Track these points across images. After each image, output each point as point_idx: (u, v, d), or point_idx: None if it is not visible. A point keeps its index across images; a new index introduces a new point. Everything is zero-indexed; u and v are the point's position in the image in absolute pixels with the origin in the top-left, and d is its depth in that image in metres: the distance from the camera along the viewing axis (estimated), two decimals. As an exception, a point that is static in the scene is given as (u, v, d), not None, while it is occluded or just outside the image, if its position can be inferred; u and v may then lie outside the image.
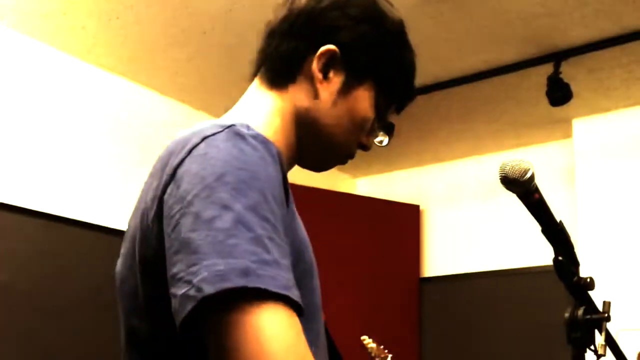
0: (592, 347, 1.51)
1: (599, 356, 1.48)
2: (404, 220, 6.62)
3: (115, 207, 4.76)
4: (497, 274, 6.17)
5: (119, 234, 3.91)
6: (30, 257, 4.36)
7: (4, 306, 4.18)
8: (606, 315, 1.51)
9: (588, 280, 1.54)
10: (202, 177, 1.13)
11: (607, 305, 1.52)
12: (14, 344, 4.19)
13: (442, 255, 6.58)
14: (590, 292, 1.56)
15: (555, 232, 1.55)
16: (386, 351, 2.50)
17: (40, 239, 4.43)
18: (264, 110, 1.45)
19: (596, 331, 1.52)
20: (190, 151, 1.19)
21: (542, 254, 5.70)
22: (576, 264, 1.57)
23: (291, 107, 1.45)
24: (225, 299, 1.04)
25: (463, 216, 6.54)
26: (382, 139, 1.60)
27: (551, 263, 1.55)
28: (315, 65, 1.43)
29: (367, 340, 2.57)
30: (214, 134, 1.20)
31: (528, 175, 1.46)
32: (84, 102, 4.83)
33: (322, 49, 1.43)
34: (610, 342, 1.58)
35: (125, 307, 1.33)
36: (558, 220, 1.55)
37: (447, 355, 6.27)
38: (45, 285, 4.38)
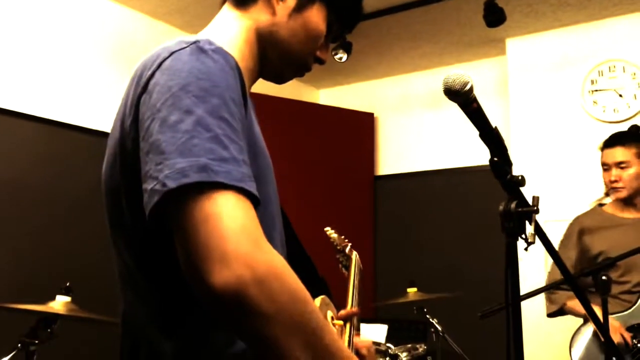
0: (523, 236, 1.51)
1: (529, 243, 1.49)
2: (360, 126, 6.60)
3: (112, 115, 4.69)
4: (441, 172, 6.22)
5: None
6: (40, 158, 4.32)
7: (17, 200, 4.17)
8: (535, 208, 1.51)
9: (519, 178, 1.54)
10: (169, 87, 1.16)
11: (536, 199, 1.52)
12: (26, 235, 4.18)
13: (393, 156, 6.60)
14: (521, 188, 1.56)
15: (491, 137, 1.54)
16: (346, 241, 2.50)
17: (47, 142, 4.37)
18: (229, 28, 1.48)
19: (526, 222, 1.52)
20: (159, 65, 1.22)
21: (480, 155, 5.78)
22: (509, 164, 1.56)
23: (253, 24, 1.48)
24: (185, 192, 1.07)
25: (411, 122, 6.53)
26: (341, 56, 1.62)
27: (488, 163, 1.54)
28: None
29: (330, 231, 2.56)
30: (180, 49, 1.23)
31: (467, 87, 1.45)
32: (81, 23, 4.68)
33: None
34: (539, 231, 1.59)
35: (110, 202, 1.35)
36: (493, 126, 1.54)
37: (398, 242, 6.35)
38: (53, 183, 4.36)
